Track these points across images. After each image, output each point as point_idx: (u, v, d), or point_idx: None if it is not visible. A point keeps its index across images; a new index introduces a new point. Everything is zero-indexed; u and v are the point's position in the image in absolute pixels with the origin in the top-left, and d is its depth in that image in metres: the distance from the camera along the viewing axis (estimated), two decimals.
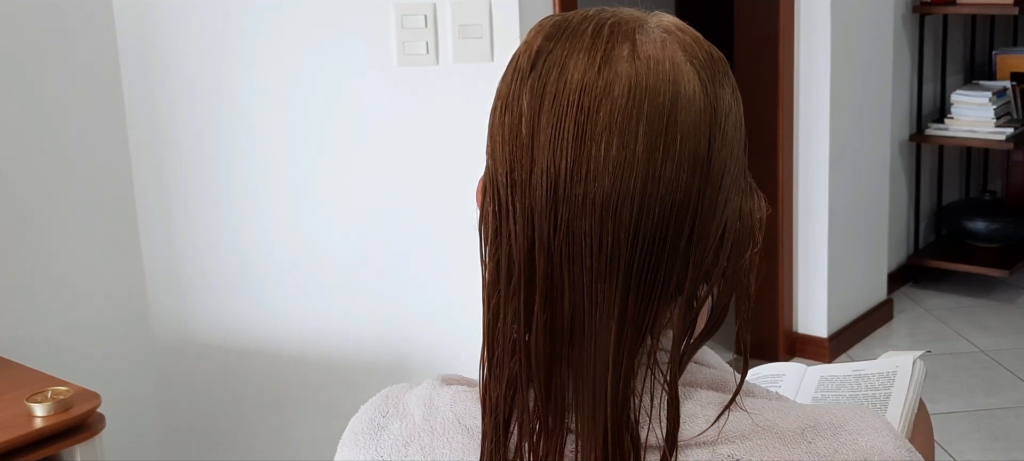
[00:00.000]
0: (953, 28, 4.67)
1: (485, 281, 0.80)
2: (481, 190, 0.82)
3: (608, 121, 0.75)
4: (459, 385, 0.85)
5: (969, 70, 4.83)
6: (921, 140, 4.50)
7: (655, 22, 0.80)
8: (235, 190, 2.53)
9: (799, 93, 3.76)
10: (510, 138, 0.78)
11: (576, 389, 0.77)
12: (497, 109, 0.80)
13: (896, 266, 4.49)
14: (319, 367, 2.58)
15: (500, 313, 0.78)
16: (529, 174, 0.76)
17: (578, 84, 0.76)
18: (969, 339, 4.02)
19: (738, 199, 0.80)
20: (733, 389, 0.79)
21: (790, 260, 3.88)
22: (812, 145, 3.77)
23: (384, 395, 0.89)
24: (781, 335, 3.89)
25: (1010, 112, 4.41)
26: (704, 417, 0.78)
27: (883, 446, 0.78)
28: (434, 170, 2.48)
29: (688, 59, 0.78)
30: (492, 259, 0.79)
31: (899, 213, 4.51)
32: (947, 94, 4.54)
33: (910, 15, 4.39)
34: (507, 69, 0.81)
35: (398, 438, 0.84)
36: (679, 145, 0.75)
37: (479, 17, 2.77)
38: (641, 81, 0.75)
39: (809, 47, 3.70)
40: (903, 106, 4.44)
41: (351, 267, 2.57)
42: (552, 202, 0.76)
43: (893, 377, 1.06)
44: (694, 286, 0.77)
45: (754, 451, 0.77)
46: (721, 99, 0.79)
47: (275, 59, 2.50)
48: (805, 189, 3.82)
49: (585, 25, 0.79)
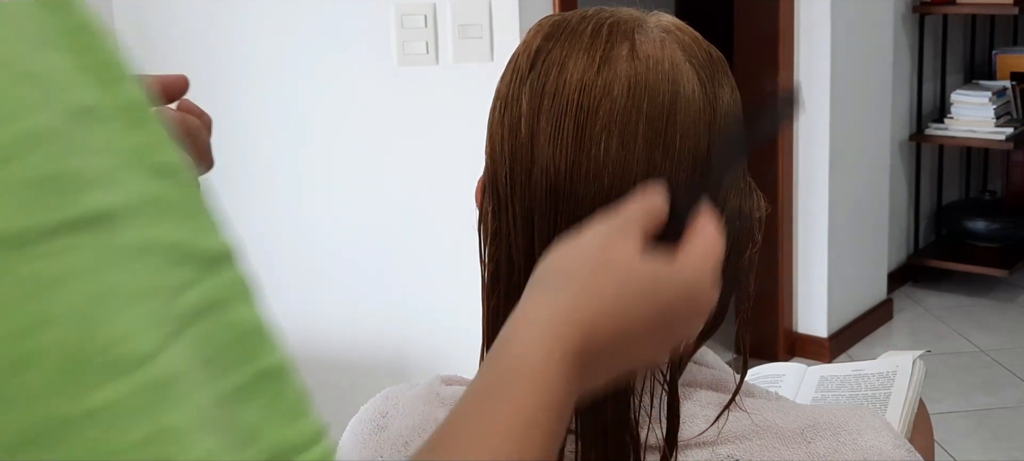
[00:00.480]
0: (953, 28, 4.67)
1: (485, 281, 0.80)
2: (480, 190, 0.82)
3: (607, 121, 0.75)
4: (459, 385, 0.85)
5: (969, 70, 4.83)
6: (921, 140, 4.50)
7: (654, 22, 0.80)
8: (234, 190, 2.53)
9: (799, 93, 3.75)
10: (509, 138, 0.77)
11: None
12: (496, 109, 0.80)
13: (896, 266, 4.49)
14: (319, 367, 2.58)
15: (500, 313, 0.78)
16: (529, 174, 0.76)
17: (578, 84, 0.76)
18: (969, 339, 4.02)
19: (737, 199, 0.80)
20: (732, 389, 0.79)
21: (790, 260, 3.88)
22: (812, 145, 3.77)
23: (384, 395, 0.89)
24: (781, 335, 3.89)
25: (1010, 112, 4.41)
26: (703, 417, 0.78)
27: (883, 446, 0.78)
28: (434, 170, 2.48)
29: (687, 59, 0.78)
30: (492, 259, 0.79)
31: (899, 213, 4.51)
32: (947, 94, 4.54)
33: (910, 15, 4.39)
34: (506, 69, 0.81)
35: (398, 438, 0.84)
36: (678, 144, 0.75)
37: (479, 17, 2.77)
38: (640, 81, 0.75)
39: (809, 47, 3.70)
40: (903, 106, 4.44)
41: (351, 267, 2.57)
42: (552, 202, 0.75)
43: (893, 377, 1.06)
44: None
45: (754, 451, 0.77)
46: (720, 99, 0.79)
47: (275, 58, 2.50)
48: (805, 189, 3.82)
49: (584, 25, 0.79)
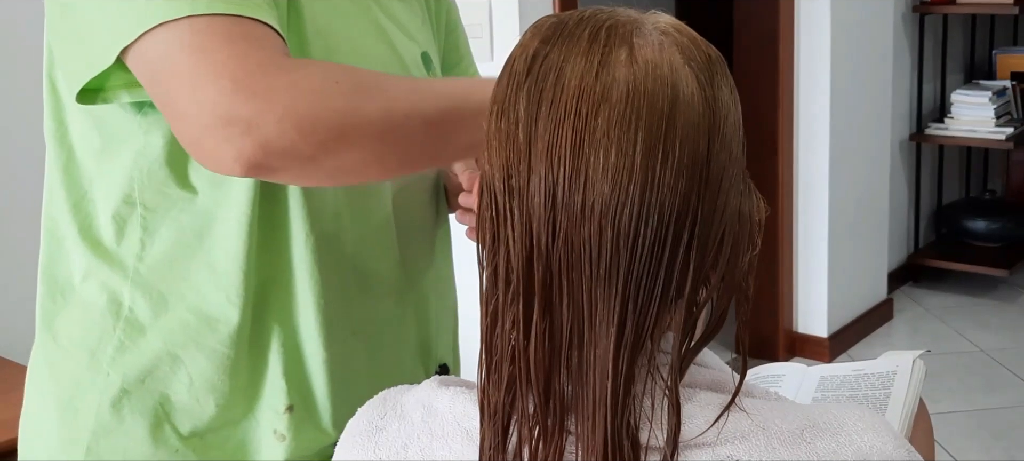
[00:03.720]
0: (953, 28, 4.67)
1: (482, 284, 0.80)
2: (478, 193, 0.81)
3: (606, 128, 0.74)
4: (458, 387, 0.85)
5: (969, 70, 4.83)
6: (921, 140, 4.50)
7: (652, 24, 0.79)
8: None
9: (799, 93, 3.76)
10: (507, 144, 0.77)
11: (575, 394, 0.76)
12: (493, 113, 0.79)
13: (896, 266, 4.49)
14: None
15: (498, 319, 0.78)
16: (527, 181, 0.76)
17: (576, 90, 0.75)
18: (969, 338, 4.02)
19: (737, 201, 0.79)
20: (732, 390, 0.79)
21: (790, 260, 3.88)
22: (812, 145, 3.77)
23: (382, 397, 0.89)
24: (781, 335, 3.89)
25: (1010, 111, 4.41)
26: (703, 418, 0.78)
27: (883, 446, 0.78)
28: None
29: (686, 62, 0.77)
30: (490, 264, 0.79)
31: (899, 213, 4.51)
32: (947, 94, 4.54)
33: (910, 14, 4.39)
34: (502, 72, 0.80)
35: (396, 440, 0.84)
36: (678, 150, 0.75)
37: (479, 17, 2.77)
38: (639, 86, 0.75)
39: (809, 47, 3.70)
40: (903, 106, 4.44)
41: None
42: (551, 210, 0.75)
43: (893, 377, 1.06)
44: (694, 291, 0.77)
45: (753, 451, 0.77)
46: (719, 101, 0.78)
47: None
48: (805, 189, 3.82)
49: (581, 28, 0.78)
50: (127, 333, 1.07)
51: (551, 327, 0.76)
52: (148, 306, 1.06)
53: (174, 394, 1.07)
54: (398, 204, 1.15)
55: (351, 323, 1.11)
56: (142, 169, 1.04)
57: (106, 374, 1.07)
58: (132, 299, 1.07)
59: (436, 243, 1.24)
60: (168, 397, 1.07)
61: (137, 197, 1.05)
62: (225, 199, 1.04)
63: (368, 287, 1.13)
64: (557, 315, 0.76)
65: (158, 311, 1.06)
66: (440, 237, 1.25)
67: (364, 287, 1.13)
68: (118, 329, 1.07)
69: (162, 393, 1.07)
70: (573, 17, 0.80)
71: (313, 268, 1.06)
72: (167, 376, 1.07)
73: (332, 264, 1.08)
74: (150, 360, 1.06)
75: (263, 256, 1.06)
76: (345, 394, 1.10)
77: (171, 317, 1.06)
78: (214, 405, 1.07)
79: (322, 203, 1.07)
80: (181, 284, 1.06)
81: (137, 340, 1.07)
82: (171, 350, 1.06)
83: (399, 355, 1.18)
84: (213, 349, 1.06)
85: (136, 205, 1.05)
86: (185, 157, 1.03)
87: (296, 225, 1.06)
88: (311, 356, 1.09)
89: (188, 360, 1.06)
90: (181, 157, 1.03)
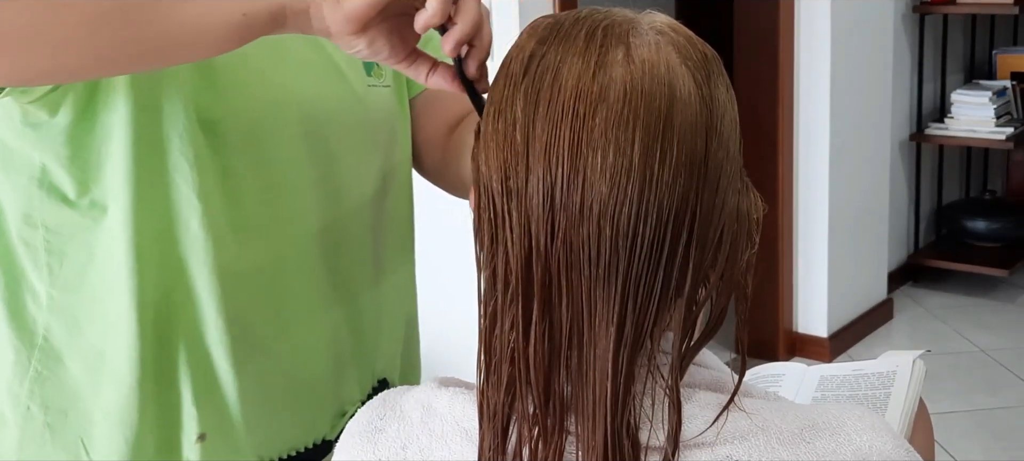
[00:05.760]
0: (953, 28, 4.67)
1: (481, 285, 0.80)
2: (475, 194, 0.81)
3: (604, 128, 0.74)
4: (457, 387, 0.85)
5: (969, 70, 4.83)
6: (921, 140, 4.50)
7: (648, 23, 0.79)
8: None
9: (799, 93, 3.75)
10: (504, 145, 0.77)
11: (575, 395, 0.76)
12: (490, 114, 0.79)
13: (896, 266, 4.49)
14: None
15: (497, 320, 0.78)
16: (525, 182, 0.76)
17: (573, 90, 0.75)
18: (969, 339, 4.02)
19: (735, 199, 0.80)
20: (731, 390, 0.79)
21: (790, 260, 3.88)
22: (812, 145, 3.77)
23: (381, 398, 0.89)
24: (781, 335, 3.89)
25: (1010, 112, 4.41)
26: (703, 418, 0.78)
27: (882, 446, 0.78)
28: None
29: (682, 61, 0.78)
30: (488, 265, 0.79)
31: (899, 213, 4.51)
32: (947, 94, 4.54)
33: (910, 14, 4.39)
34: (499, 73, 0.80)
35: (396, 440, 0.84)
36: (676, 149, 0.75)
37: None
38: (636, 86, 0.75)
39: (809, 47, 3.70)
40: (903, 106, 4.44)
41: None
42: (549, 211, 0.75)
43: (893, 377, 1.06)
44: (693, 289, 0.77)
45: (753, 451, 0.77)
46: (716, 100, 0.78)
47: None
48: (805, 189, 3.82)
49: (578, 28, 0.78)
50: (43, 362, 1.03)
51: (550, 327, 0.76)
52: (64, 333, 1.02)
53: (96, 428, 1.03)
54: (329, 220, 1.10)
55: (263, 343, 1.07)
56: (38, 188, 1.00)
57: (25, 407, 1.03)
58: (47, 326, 1.03)
59: (384, 255, 1.18)
60: (90, 432, 1.03)
61: (38, 218, 1.01)
62: (101, 214, 1.00)
63: (283, 306, 1.08)
64: (556, 315, 0.76)
65: (74, 337, 1.02)
66: (391, 246, 1.19)
67: (278, 306, 1.08)
68: (34, 359, 1.03)
69: (84, 427, 1.03)
70: (569, 17, 0.80)
71: (214, 285, 1.02)
72: (89, 409, 1.03)
73: (238, 281, 1.04)
74: (71, 391, 1.02)
75: (159, 273, 1.01)
76: (262, 418, 1.06)
77: (83, 343, 1.02)
78: (124, 442, 1.03)
79: (220, 215, 1.02)
80: (91, 308, 1.02)
81: (55, 369, 1.03)
82: (89, 379, 1.02)
83: (325, 374, 1.13)
84: (119, 377, 1.01)
85: (38, 227, 1.02)
86: (66, 175, 0.99)
87: (191, 238, 1.01)
88: (223, 379, 1.04)
89: (101, 392, 1.02)
90: (60, 175, 0.99)
